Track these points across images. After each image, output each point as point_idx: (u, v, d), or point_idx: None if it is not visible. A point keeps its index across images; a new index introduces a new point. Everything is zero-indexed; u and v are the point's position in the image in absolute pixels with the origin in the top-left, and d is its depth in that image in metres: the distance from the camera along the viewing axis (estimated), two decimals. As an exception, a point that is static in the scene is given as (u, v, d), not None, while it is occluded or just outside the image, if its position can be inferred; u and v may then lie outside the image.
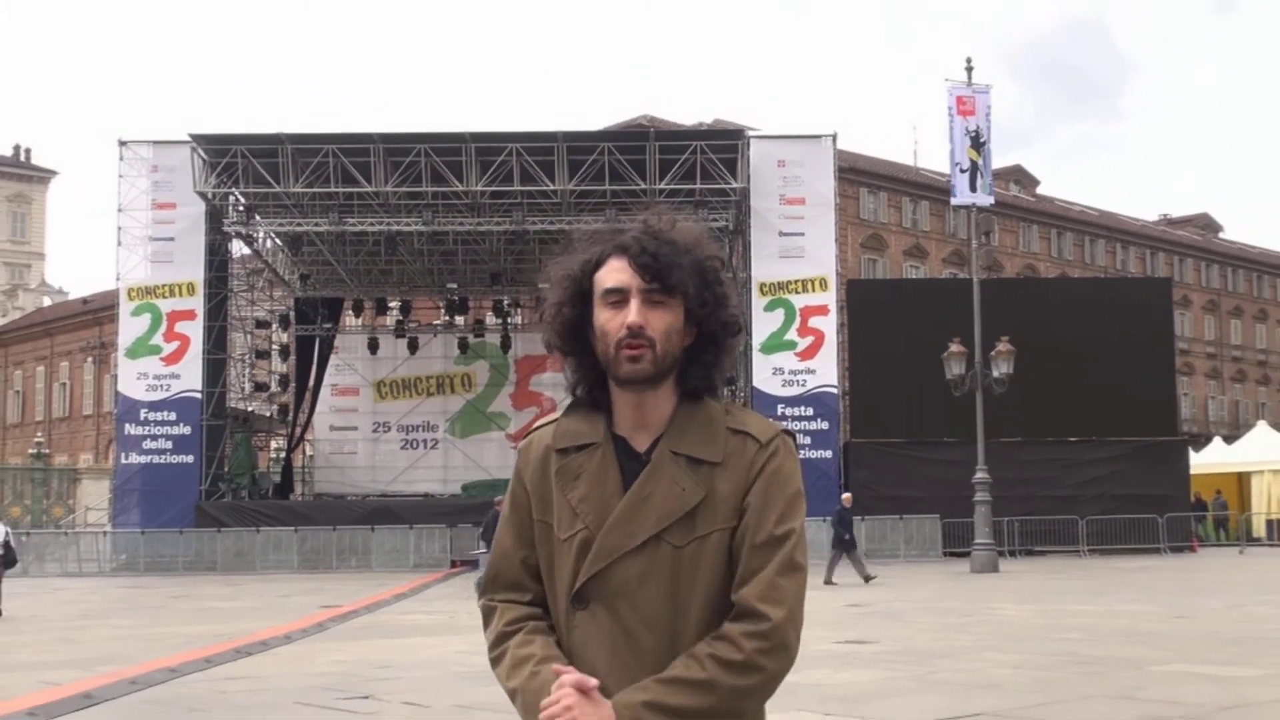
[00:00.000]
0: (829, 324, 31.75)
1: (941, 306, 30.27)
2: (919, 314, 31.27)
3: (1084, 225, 66.29)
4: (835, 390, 31.76)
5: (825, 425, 31.26)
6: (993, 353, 25.89)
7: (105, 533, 32.71)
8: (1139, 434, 32.01)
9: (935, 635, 12.95)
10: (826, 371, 31.57)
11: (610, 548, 1.94)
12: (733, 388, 34.63)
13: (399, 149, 30.53)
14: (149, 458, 31.53)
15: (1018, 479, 29.10)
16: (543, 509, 2.02)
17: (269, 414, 37.41)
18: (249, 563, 29.50)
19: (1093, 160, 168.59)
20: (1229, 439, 45.51)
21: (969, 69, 28.05)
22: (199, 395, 31.74)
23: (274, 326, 36.81)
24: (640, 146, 30.94)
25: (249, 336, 35.73)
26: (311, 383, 37.39)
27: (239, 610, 18.17)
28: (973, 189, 27.88)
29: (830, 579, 21.57)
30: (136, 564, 30.20)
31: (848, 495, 23.87)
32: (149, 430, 31.66)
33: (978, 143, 27.68)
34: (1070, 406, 31.28)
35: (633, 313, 1.95)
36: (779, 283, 31.57)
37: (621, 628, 1.93)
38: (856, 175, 53.60)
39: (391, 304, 37.93)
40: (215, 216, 32.24)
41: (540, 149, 30.38)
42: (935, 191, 53.89)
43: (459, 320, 37.86)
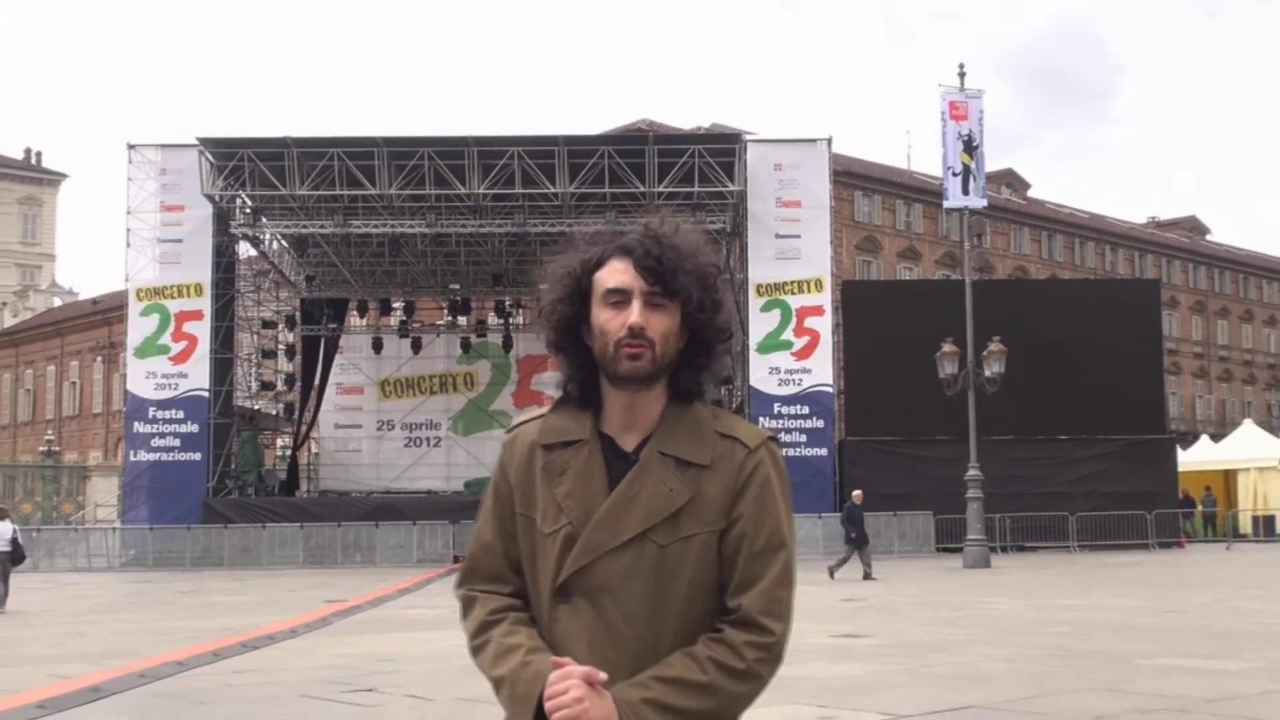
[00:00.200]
0: (824, 324, 31.76)
1: (934, 307, 30.26)
2: (912, 314, 31.27)
3: (1074, 228, 66.32)
4: (830, 389, 31.77)
5: (820, 423, 31.29)
6: (985, 352, 25.91)
7: (114, 529, 32.71)
8: (1128, 432, 32.04)
9: (928, 629, 12.96)
10: (822, 371, 31.58)
11: (595, 544, 1.93)
12: (730, 386, 34.62)
13: (402, 152, 30.52)
14: (157, 455, 31.53)
15: (1009, 476, 29.12)
16: (526, 503, 2.01)
17: (275, 412, 37.37)
18: (255, 558, 29.47)
19: (1083, 164, 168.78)
20: (1216, 437, 45.54)
21: (961, 74, 28.12)
22: (206, 394, 31.73)
23: (280, 326, 36.76)
24: (639, 150, 30.94)
25: (255, 336, 35.70)
26: (317, 382, 37.38)
27: (245, 605, 18.17)
28: (965, 192, 27.91)
29: (834, 574, 21.42)
30: (145, 559, 30.19)
31: (858, 493, 23.41)
32: (157, 428, 31.66)
33: (970, 147, 27.70)
34: (1061, 405, 31.29)
35: (635, 313, 1.94)
36: (775, 284, 31.57)
37: (603, 623, 1.92)
38: (851, 178, 53.60)
39: (395, 304, 37.90)
40: (222, 218, 32.25)
41: (541, 152, 30.38)
42: (928, 194, 53.88)
43: (461, 320, 37.83)
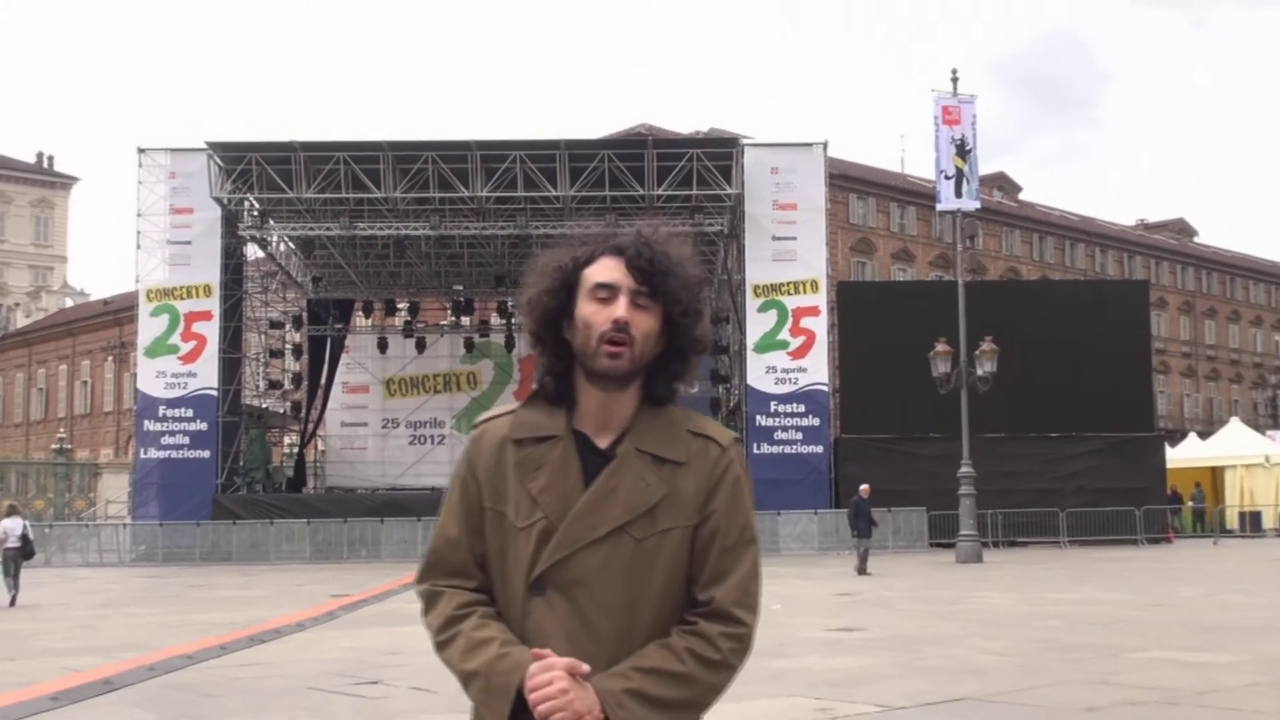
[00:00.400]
0: (820, 324, 31.74)
1: (928, 307, 30.28)
2: (906, 315, 31.26)
3: (1064, 230, 66.34)
4: (826, 388, 31.75)
5: (816, 421, 31.27)
6: (977, 352, 25.91)
7: (125, 525, 32.67)
8: (1117, 430, 32.03)
9: (922, 623, 12.96)
10: (817, 370, 31.56)
11: (573, 537, 1.92)
12: (727, 385, 34.69)
13: (407, 156, 30.50)
14: (167, 453, 31.53)
15: (1001, 473, 29.09)
16: (496, 498, 1.99)
17: (282, 411, 37.36)
18: (263, 553, 29.45)
19: (1073, 167, 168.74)
20: (1203, 435, 45.57)
21: (954, 80, 28.09)
22: (215, 393, 31.72)
23: (287, 327, 36.75)
24: (639, 154, 30.92)
25: (263, 336, 35.67)
26: (323, 381, 37.37)
27: (253, 599, 18.17)
28: (958, 195, 27.90)
29: (862, 568, 21.35)
30: (155, 555, 30.16)
31: (865, 486, 23.25)
32: (167, 426, 31.65)
33: (963, 150, 27.68)
34: (1051, 403, 31.29)
35: (621, 308, 1.95)
36: (772, 285, 31.56)
37: (580, 615, 1.92)
38: (846, 182, 53.60)
39: (400, 305, 37.90)
40: (231, 221, 32.23)
41: (543, 156, 30.37)
42: (922, 198, 53.90)
43: (465, 321, 37.81)
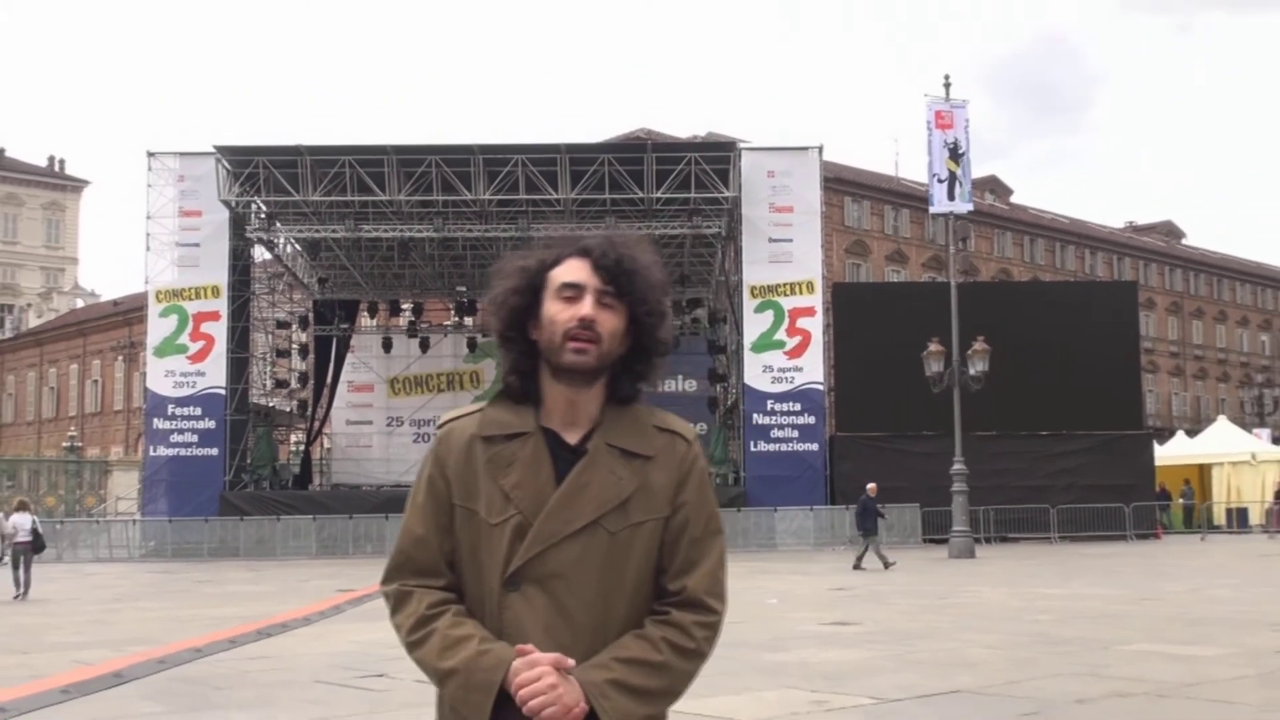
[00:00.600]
0: (815, 324, 31.74)
1: (921, 308, 30.25)
2: (900, 315, 31.25)
3: (1055, 232, 66.33)
4: (821, 387, 31.73)
5: (812, 420, 31.26)
6: (969, 352, 25.91)
7: (135, 521, 32.64)
8: (1106, 428, 32.05)
9: (915, 617, 12.96)
10: (813, 369, 31.54)
11: (549, 532, 1.92)
12: (725, 384, 34.69)
13: (411, 160, 30.48)
14: (176, 450, 31.50)
15: (992, 470, 29.10)
16: (466, 495, 1.99)
17: (289, 409, 37.34)
18: (270, 549, 29.44)
19: (1063, 171, 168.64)
20: (1191, 433, 45.56)
21: (947, 85, 28.09)
22: (223, 391, 31.71)
23: (294, 327, 36.73)
24: (638, 158, 30.90)
25: (270, 336, 35.68)
26: (329, 380, 37.36)
27: (261, 594, 18.16)
28: (950, 198, 27.89)
29: (887, 562, 21.36)
30: (164, 550, 30.15)
31: (872, 485, 23.04)
32: (176, 424, 31.63)
33: (956, 154, 27.67)
34: (1042, 402, 31.29)
35: (587, 306, 1.96)
36: (768, 286, 31.54)
37: (557, 608, 1.91)
38: (841, 185, 53.59)
39: (404, 306, 37.89)
40: (238, 223, 32.23)
41: (544, 160, 30.34)
42: (915, 200, 53.89)
43: (468, 321, 37.75)
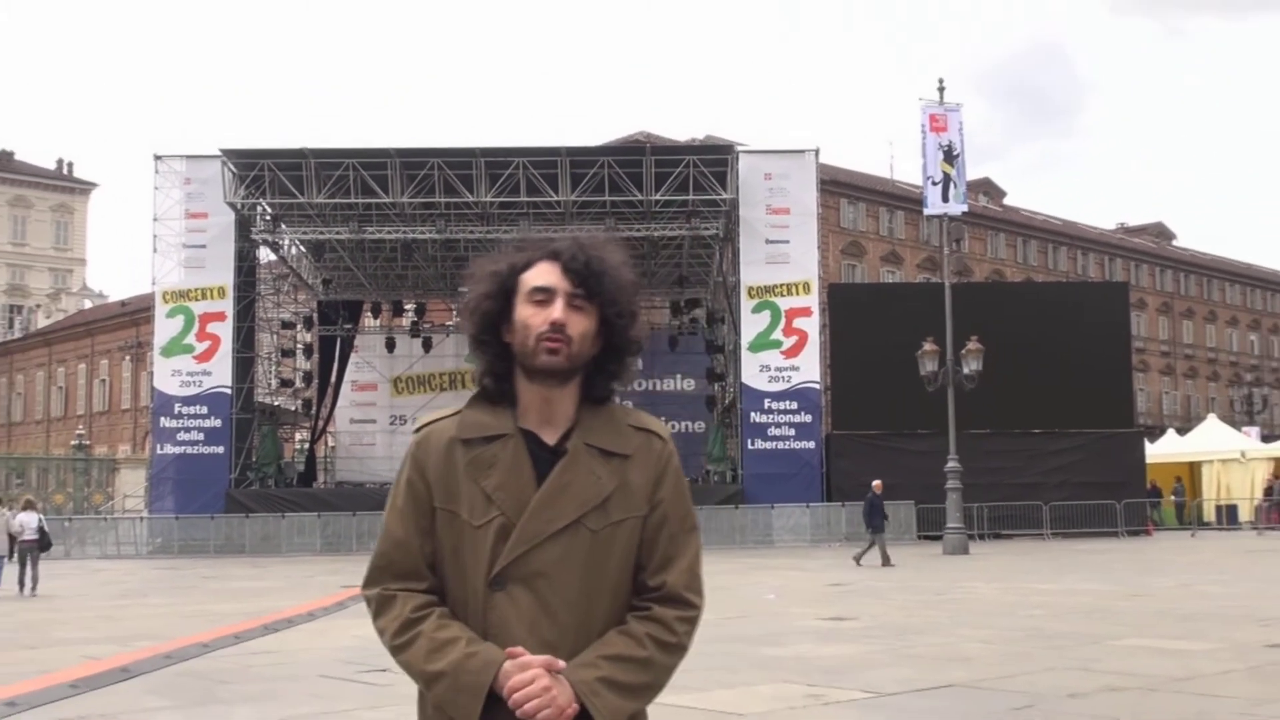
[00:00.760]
0: (812, 324, 31.73)
1: (916, 308, 30.25)
2: (895, 315, 31.25)
3: (1047, 234, 66.30)
4: (817, 386, 31.73)
5: (808, 418, 31.26)
6: (963, 351, 25.90)
7: (142, 518, 32.64)
8: (1098, 426, 32.04)
9: (911, 612, 12.96)
10: (809, 368, 31.54)
11: (532, 532, 1.92)
12: (723, 383, 34.67)
13: (414, 162, 30.48)
14: (182, 449, 31.52)
15: (986, 468, 29.07)
16: (447, 498, 1.97)
17: (294, 408, 37.31)
18: (275, 546, 29.43)
19: (1055, 173, 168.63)
20: (1181, 431, 45.56)
21: (941, 89, 28.05)
22: (229, 391, 31.71)
23: (298, 327, 36.72)
24: (637, 161, 30.91)
25: (275, 336, 35.65)
26: (333, 379, 37.38)
27: (266, 590, 18.16)
28: (944, 200, 27.85)
29: (889, 561, 21.26)
30: (171, 547, 30.15)
31: (878, 482, 22.95)
32: (182, 423, 31.63)
33: (950, 156, 27.64)
34: (1035, 401, 31.29)
35: (558, 310, 1.95)
36: (765, 286, 31.54)
37: (542, 606, 1.91)
38: (837, 187, 53.57)
39: (407, 306, 37.86)
40: (244, 225, 32.22)
41: (545, 163, 30.35)
42: (910, 202, 53.87)
43: (470, 321, 37.78)
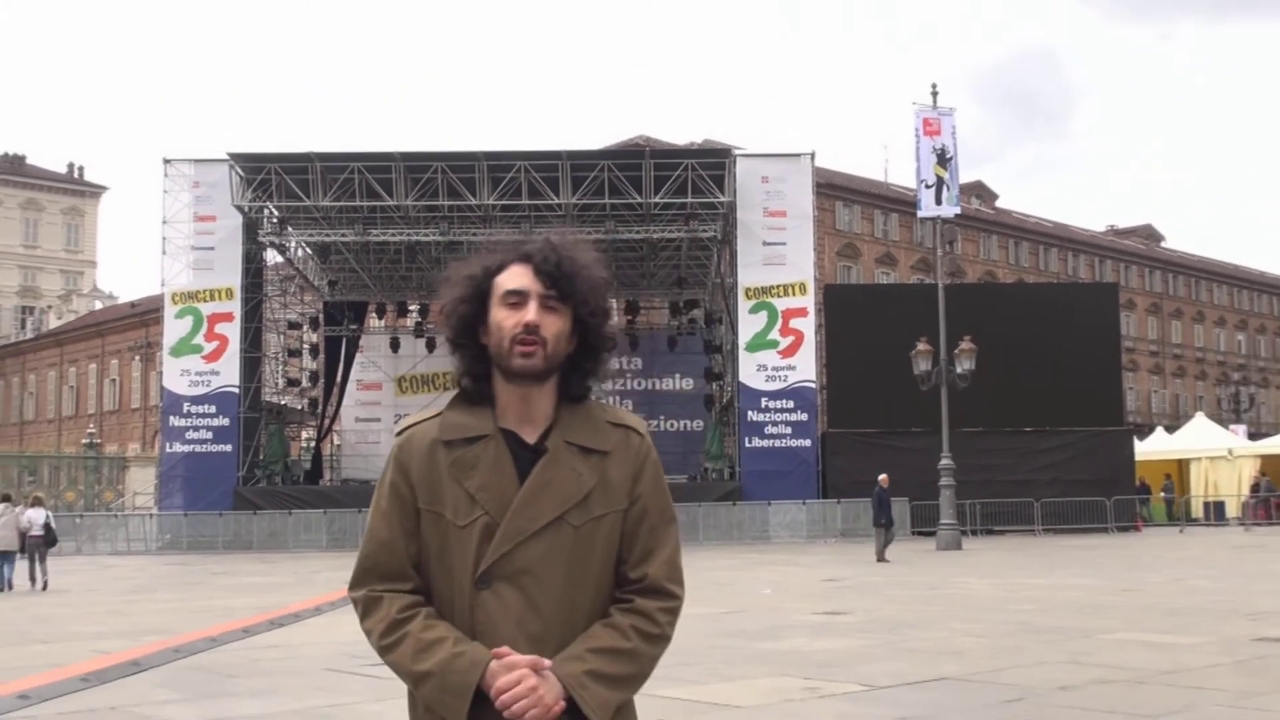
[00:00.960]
0: (808, 325, 31.73)
1: (910, 309, 30.27)
2: (889, 316, 31.25)
3: (1039, 235, 66.32)
4: (813, 385, 31.73)
5: (804, 417, 31.26)
6: (956, 351, 25.91)
7: (151, 515, 32.67)
8: (1088, 424, 32.04)
9: (905, 607, 12.96)
10: (806, 368, 31.54)
11: (516, 530, 1.91)
12: (721, 382, 34.67)
13: (418, 166, 30.49)
14: (191, 447, 31.51)
15: (979, 465, 29.08)
16: (431, 499, 1.97)
17: (300, 407, 37.32)
18: (282, 542, 29.44)
19: (1047, 176, 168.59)
20: (1170, 429, 45.63)
21: (934, 94, 28.04)
22: (236, 390, 31.72)
23: (304, 327, 36.75)
24: (636, 164, 30.91)
25: (282, 337, 35.67)
26: (339, 378, 37.38)
27: (273, 585, 18.17)
28: (938, 202, 27.85)
29: (883, 556, 21.09)
30: (180, 543, 30.15)
31: (884, 476, 22.71)
32: (191, 422, 31.64)
33: (944, 159, 27.63)
34: (1026, 399, 31.28)
35: (531, 312, 1.95)
36: (762, 287, 31.53)
37: (528, 603, 1.90)
38: (833, 190, 53.59)
39: (411, 307, 37.85)
40: (251, 228, 32.23)
41: (546, 166, 30.35)
42: (904, 205, 53.84)
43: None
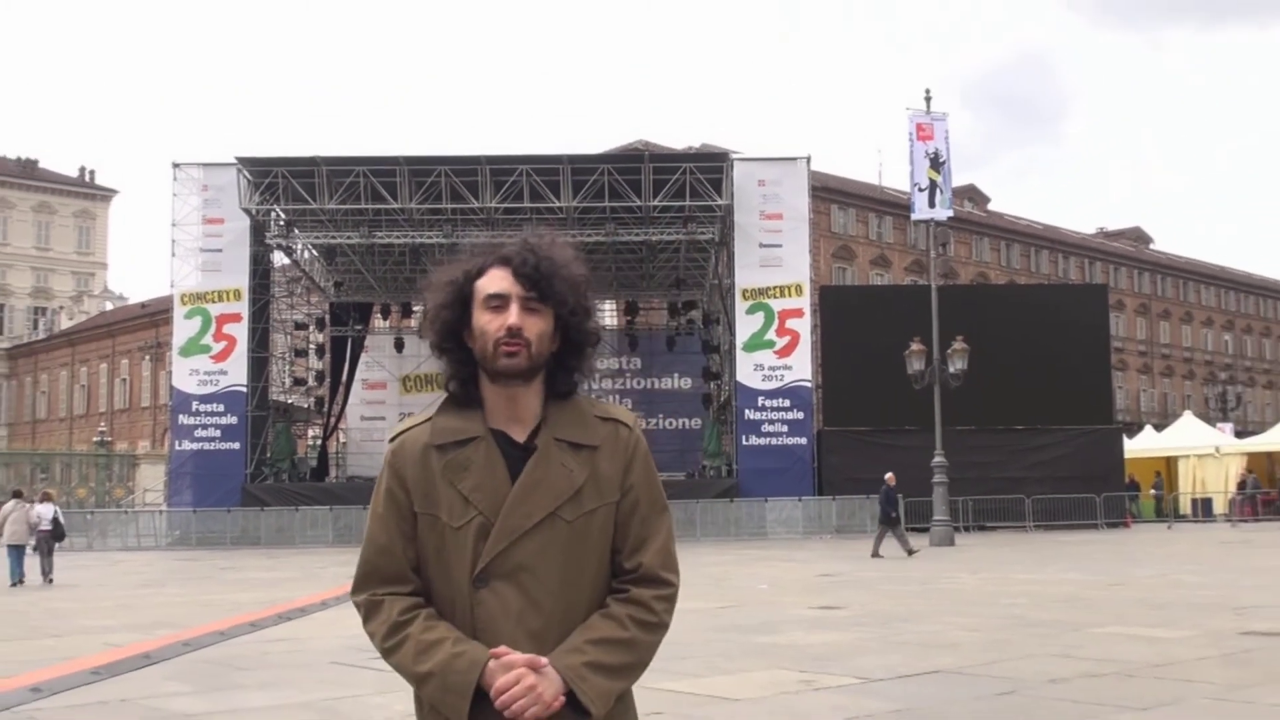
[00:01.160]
0: (804, 325, 31.73)
1: (903, 310, 30.24)
2: (883, 317, 31.26)
3: (1030, 238, 66.33)
4: (809, 384, 31.73)
5: (800, 415, 31.26)
6: (949, 351, 25.91)
7: (161, 511, 32.67)
8: (1079, 423, 32.05)
9: (898, 601, 12.96)
10: (801, 367, 31.54)
11: (510, 528, 1.91)
12: (718, 382, 34.66)
13: (422, 170, 30.48)
14: (200, 445, 31.51)
15: (971, 463, 29.09)
16: (427, 502, 1.96)
17: (306, 406, 37.32)
18: (289, 538, 29.43)
19: (1038, 180, 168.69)
20: (1159, 427, 45.61)
21: (928, 99, 28.08)
22: (244, 389, 31.70)
23: (311, 328, 36.73)
24: (636, 168, 30.90)
25: (289, 337, 35.67)
26: (344, 378, 37.37)
27: (280, 580, 18.17)
28: (931, 205, 27.87)
29: (877, 552, 21.14)
30: (189, 539, 30.13)
31: (890, 475, 22.65)
32: (200, 420, 31.62)
33: (937, 163, 27.63)
34: (1018, 398, 31.30)
35: (513, 315, 1.94)
36: (759, 289, 31.53)
37: (526, 598, 1.90)
38: (828, 193, 53.58)
39: (415, 308, 37.74)
40: (258, 230, 32.23)
41: (547, 170, 30.35)
42: (898, 208, 53.83)
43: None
